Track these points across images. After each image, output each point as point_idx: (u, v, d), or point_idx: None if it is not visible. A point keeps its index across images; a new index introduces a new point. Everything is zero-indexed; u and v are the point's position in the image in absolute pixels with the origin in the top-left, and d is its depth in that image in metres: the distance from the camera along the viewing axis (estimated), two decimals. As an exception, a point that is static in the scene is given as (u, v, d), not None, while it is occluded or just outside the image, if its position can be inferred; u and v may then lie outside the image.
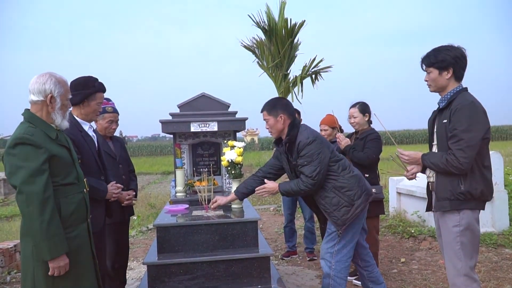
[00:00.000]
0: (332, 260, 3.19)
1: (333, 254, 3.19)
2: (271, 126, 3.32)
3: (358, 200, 3.12)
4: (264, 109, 3.36)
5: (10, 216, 10.61)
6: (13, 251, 4.92)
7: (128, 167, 3.97)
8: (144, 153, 51.17)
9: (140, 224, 8.16)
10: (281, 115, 3.27)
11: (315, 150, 3.08)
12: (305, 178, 3.10)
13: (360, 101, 4.38)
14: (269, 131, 3.38)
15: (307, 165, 3.08)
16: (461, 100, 2.65)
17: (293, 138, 3.20)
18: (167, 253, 3.45)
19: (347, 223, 3.12)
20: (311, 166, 3.06)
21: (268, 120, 3.32)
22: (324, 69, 8.64)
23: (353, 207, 3.10)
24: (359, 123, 4.30)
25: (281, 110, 3.28)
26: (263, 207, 9.65)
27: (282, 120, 3.27)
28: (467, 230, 2.66)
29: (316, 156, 3.07)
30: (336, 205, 3.12)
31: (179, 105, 4.75)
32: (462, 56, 2.73)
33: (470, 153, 2.56)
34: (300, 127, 3.25)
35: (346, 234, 3.17)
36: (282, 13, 8.45)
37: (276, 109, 3.29)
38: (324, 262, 3.25)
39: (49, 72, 2.48)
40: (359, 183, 3.17)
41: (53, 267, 2.30)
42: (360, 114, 4.28)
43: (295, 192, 3.22)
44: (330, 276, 3.18)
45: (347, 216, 3.10)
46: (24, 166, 2.26)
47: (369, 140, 4.15)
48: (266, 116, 3.33)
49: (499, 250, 5.20)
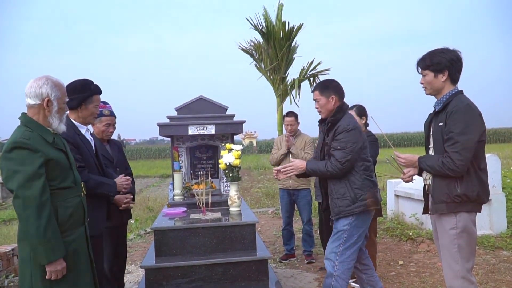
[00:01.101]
0: (336, 261, 3.21)
1: (338, 255, 3.22)
2: (321, 105, 3.37)
3: (362, 202, 3.16)
4: (316, 88, 3.41)
5: (8, 220, 10.58)
6: (11, 255, 4.90)
7: (125, 170, 3.97)
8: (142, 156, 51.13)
9: (138, 228, 8.15)
10: (333, 96, 3.33)
11: (351, 139, 3.15)
12: (334, 162, 3.14)
13: (357, 104, 4.35)
14: (318, 111, 3.43)
15: (340, 150, 3.14)
16: (456, 102, 2.66)
17: (336, 120, 3.27)
18: (165, 257, 3.45)
19: (342, 216, 3.19)
20: (343, 152, 3.12)
21: (319, 100, 3.36)
22: (322, 72, 8.66)
23: (354, 204, 3.15)
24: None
25: (334, 92, 3.35)
26: (261, 210, 9.64)
27: (333, 101, 3.33)
28: (464, 232, 2.67)
29: (350, 145, 3.14)
30: (341, 195, 3.20)
31: (177, 108, 4.76)
32: (457, 59, 2.74)
33: (466, 156, 2.57)
34: (346, 114, 3.32)
35: (351, 235, 3.20)
36: (279, 16, 8.47)
37: (328, 90, 3.35)
38: (328, 262, 3.27)
39: (45, 75, 2.47)
40: (371, 189, 3.22)
41: (50, 271, 2.30)
42: (357, 117, 4.22)
43: (321, 173, 3.25)
44: (333, 276, 3.20)
45: (344, 209, 3.17)
46: (21, 170, 2.25)
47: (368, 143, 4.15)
48: (317, 95, 3.37)
49: (497, 253, 5.21)
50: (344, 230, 3.20)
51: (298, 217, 6.65)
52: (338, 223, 3.26)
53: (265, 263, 3.49)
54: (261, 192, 12.63)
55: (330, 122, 3.29)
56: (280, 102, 8.66)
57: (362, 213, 3.19)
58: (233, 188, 3.97)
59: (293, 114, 5.37)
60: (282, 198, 5.52)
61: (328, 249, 3.31)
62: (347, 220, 3.20)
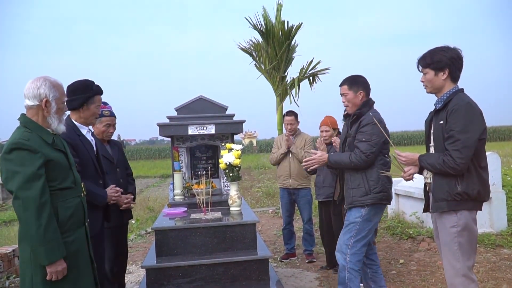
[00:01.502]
0: (348, 253, 3.27)
1: (349, 247, 3.28)
2: (348, 100, 3.41)
3: (375, 194, 3.22)
4: (344, 83, 3.44)
5: (8, 221, 10.57)
6: (12, 256, 4.90)
7: (125, 170, 3.97)
8: (142, 156, 51.10)
9: (139, 228, 8.15)
10: (361, 92, 3.38)
11: (376, 132, 3.20)
12: (359, 153, 3.20)
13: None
14: (345, 105, 3.47)
15: (365, 142, 3.20)
16: (457, 101, 2.66)
17: (361, 113, 3.32)
18: (165, 257, 3.45)
19: (354, 205, 3.26)
20: (368, 145, 3.18)
21: (347, 94, 3.40)
22: (322, 71, 8.65)
23: (367, 196, 3.21)
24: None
25: (362, 87, 3.39)
26: (261, 210, 9.65)
27: (360, 96, 3.39)
28: (465, 230, 2.67)
29: (375, 137, 3.20)
30: (356, 185, 3.27)
31: (177, 108, 4.75)
32: (458, 57, 2.74)
33: (467, 154, 2.57)
34: (371, 109, 3.37)
35: (362, 228, 3.26)
36: (279, 16, 8.46)
37: (357, 85, 3.39)
38: (340, 255, 3.33)
39: (43, 76, 2.46)
40: (385, 185, 3.27)
41: (51, 272, 2.30)
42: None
43: (344, 164, 3.27)
44: (345, 268, 3.27)
45: (357, 199, 3.24)
46: (20, 171, 2.25)
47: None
48: (345, 90, 3.41)
49: (497, 251, 5.21)
50: (356, 223, 3.27)
51: (298, 216, 6.65)
52: (350, 214, 3.32)
53: (265, 262, 3.49)
54: (261, 192, 12.63)
55: (355, 114, 3.34)
56: (279, 101, 8.65)
57: (374, 206, 3.25)
58: (233, 187, 3.97)
59: (292, 113, 5.37)
60: (282, 198, 5.52)
61: (339, 242, 3.37)
62: (359, 213, 3.26)
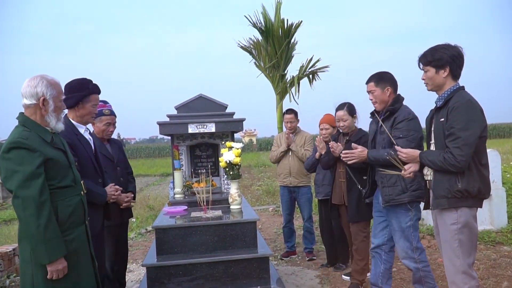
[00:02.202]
0: (416, 256, 3.32)
1: (414, 250, 3.33)
2: (376, 97, 3.41)
3: (412, 192, 3.23)
4: (371, 80, 3.45)
5: (8, 220, 10.58)
6: (12, 254, 4.90)
7: (126, 169, 3.97)
8: (142, 155, 51.11)
9: (139, 226, 8.16)
10: (388, 88, 3.38)
11: (413, 128, 3.23)
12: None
13: (347, 102, 4.20)
14: (373, 102, 3.47)
15: (403, 138, 3.20)
16: (458, 98, 2.66)
17: (395, 110, 3.32)
18: (166, 255, 3.45)
19: (391, 203, 3.28)
20: (406, 141, 3.18)
21: (374, 92, 3.41)
22: (321, 69, 8.65)
23: (404, 194, 3.22)
24: (349, 126, 4.15)
25: (389, 83, 3.39)
26: (261, 208, 9.65)
27: (388, 92, 3.39)
28: (465, 227, 2.67)
29: (412, 133, 3.21)
30: (392, 184, 3.27)
31: (177, 107, 4.75)
32: (459, 54, 2.74)
33: (467, 151, 2.57)
34: (403, 105, 3.38)
35: (415, 227, 3.32)
36: (278, 14, 8.45)
37: (384, 81, 3.39)
38: (409, 261, 3.37)
39: (40, 74, 2.45)
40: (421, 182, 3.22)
41: (51, 271, 2.30)
42: (350, 117, 4.13)
43: (383, 161, 3.21)
44: (419, 270, 3.34)
45: (394, 197, 3.26)
46: (19, 170, 2.25)
47: (364, 143, 3.89)
48: (372, 87, 3.42)
49: (498, 248, 5.21)
50: (409, 226, 3.30)
51: (298, 214, 6.65)
52: (400, 220, 3.32)
53: (266, 260, 3.49)
54: (261, 190, 12.63)
55: (388, 111, 3.34)
56: (279, 99, 8.65)
57: (414, 204, 3.29)
58: (233, 186, 3.97)
59: (292, 111, 5.36)
60: (282, 196, 5.52)
61: (401, 249, 3.38)
62: (407, 217, 3.28)
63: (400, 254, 3.42)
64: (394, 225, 3.38)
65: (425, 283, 3.36)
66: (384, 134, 3.31)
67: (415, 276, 3.40)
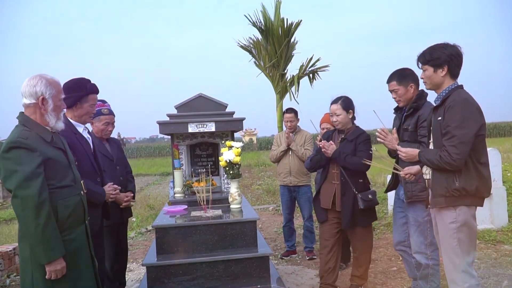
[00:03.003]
0: (428, 251, 3.32)
1: (428, 245, 3.32)
2: (400, 95, 3.39)
3: None
4: (392, 79, 3.42)
5: (9, 219, 10.58)
6: (12, 254, 4.91)
7: (125, 168, 3.97)
8: (142, 154, 51.08)
9: (139, 226, 8.15)
10: (411, 84, 3.36)
11: None
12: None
13: (342, 96, 3.86)
14: (397, 100, 3.45)
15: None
16: (454, 97, 2.67)
17: (418, 106, 3.30)
18: (166, 254, 3.45)
19: (413, 200, 3.27)
20: None
21: (397, 90, 3.39)
22: (321, 68, 8.66)
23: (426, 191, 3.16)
24: (343, 122, 3.79)
25: (411, 80, 3.37)
26: (262, 207, 9.65)
27: (412, 89, 3.36)
28: (464, 226, 2.68)
29: None
30: (414, 180, 3.22)
31: (177, 106, 4.74)
32: (457, 54, 2.74)
33: (463, 150, 2.57)
34: (427, 101, 3.35)
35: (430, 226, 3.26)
36: (278, 13, 8.46)
37: (406, 79, 3.37)
38: (421, 255, 3.36)
39: (40, 74, 2.46)
40: None
41: (50, 271, 2.30)
42: (344, 111, 3.76)
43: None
44: (429, 266, 3.34)
45: (417, 194, 3.25)
46: (19, 170, 2.25)
47: (361, 142, 3.71)
48: (395, 86, 3.39)
49: (498, 247, 5.21)
50: (426, 221, 3.29)
51: (299, 213, 6.65)
52: (416, 213, 3.32)
53: (266, 259, 3.49)
54: (261, 189, 12.62)
55: (412, 107, 3.31)
56: (279, 98, 8.66)
57: None
58: (233, 185, 3.97)
59: (292, 110, 5.36)
60: (282, 195, 5.52)
61: (415, 243, 3.38)
62: (425, 211, 3.25)
63: (413, 248, 3.42)
64: (410, 219, 3.39)
65: (430, 282, 3.36)
66: (407, 131, 3.30)
67: (423, 272, 3.39)
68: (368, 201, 3.61)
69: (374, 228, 6.47)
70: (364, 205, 3.58)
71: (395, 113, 3.57)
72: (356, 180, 3.69)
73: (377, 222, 6.71)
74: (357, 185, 3.69)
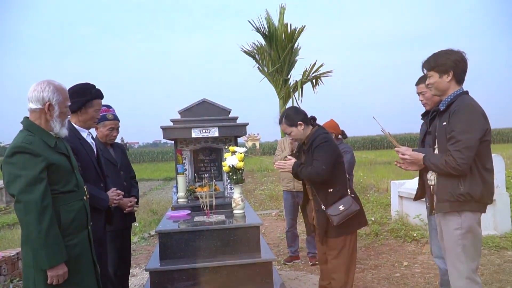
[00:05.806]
0: None
1: None
2: (427, 98, 3.42)
3: None
4: (421, 82, 3.42)
5: (12, 224, 10.60)
6: (16, 259, 4.92)
7: (129, 173, 3.98)
8: (145, 159, 51.20)
9: (142, 231, 8.16)
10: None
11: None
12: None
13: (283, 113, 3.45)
14: (423, 103, 3.49)
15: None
16: (459, 102, 2.67)
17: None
18: (169, 259, 3.45)
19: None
20: None
21: (425, 93, 3.41)
22: (325, 74, 8.67)
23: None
24: (298, 137, 3.37)
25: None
26: (265, 212, 9.64)
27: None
28: (469, 232, 2.66)
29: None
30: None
31: (180, 111, 4.76)
32: (462, 59, 2.75)
33: (468, 154, 2.57)
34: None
35: None
36: (281, 19, 8.49)
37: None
38: (441, 261, 3.33)
39: (47, 79, 2.47)
40: None
41: (51, 276, 2.29)
42: (293, 127, 3.32)
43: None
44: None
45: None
46: (22, 175, 2.25)
47: (315, 148, 3.21)
48: (423, 89, 3.40)
49: (502, 253, 5.19)
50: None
51: (301, 219, 6.65)
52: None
53: (269, 265, 3.49)
54: (264, 194, 12.61)
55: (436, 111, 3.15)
56: (283, 104, 8.67)
57: None
58: (236, 190, 3.97)
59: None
60: (285, 200, 5.52)
61: (436, 248, 3.36)
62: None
63: (433, 252, 3.42)
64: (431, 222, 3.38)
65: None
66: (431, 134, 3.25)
67: (443, 278, 3.37)
68: (339, 215, 3.11)
69: (377, 233, 6.45)
70: (337, 221, 3.11)
71: (422, 118, 3.60)
72: (325, 191, 3.21)
73: (380, 228, 6.69)
74: (327, 197, 3.19)
